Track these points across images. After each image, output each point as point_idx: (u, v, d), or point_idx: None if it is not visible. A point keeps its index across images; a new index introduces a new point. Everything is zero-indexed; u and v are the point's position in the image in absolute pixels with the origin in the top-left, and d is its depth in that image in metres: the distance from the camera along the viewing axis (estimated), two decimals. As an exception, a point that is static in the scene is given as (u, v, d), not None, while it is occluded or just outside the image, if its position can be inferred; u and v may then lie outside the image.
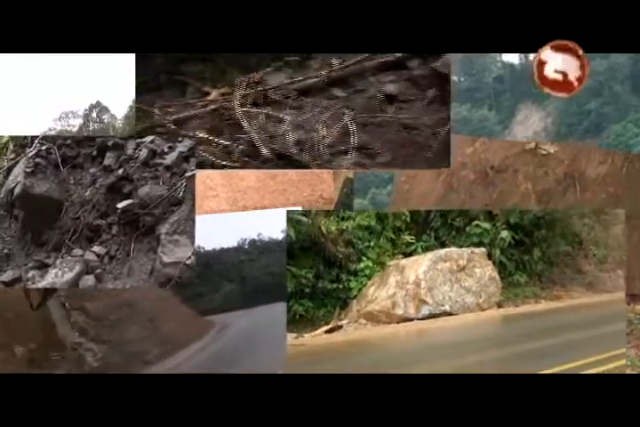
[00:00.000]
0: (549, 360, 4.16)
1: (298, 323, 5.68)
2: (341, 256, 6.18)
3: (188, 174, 4.28)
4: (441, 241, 6.92)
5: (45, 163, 4.65)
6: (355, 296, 6.22)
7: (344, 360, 4.71)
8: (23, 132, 19.84)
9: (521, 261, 7.13)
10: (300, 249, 5.88)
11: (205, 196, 4.27)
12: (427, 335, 5.64)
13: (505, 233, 6.86)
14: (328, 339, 5.55)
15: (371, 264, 6.33)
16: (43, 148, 4.66)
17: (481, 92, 43.46)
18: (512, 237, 6.92)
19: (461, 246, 6.65)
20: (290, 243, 5.16)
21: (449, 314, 6.00)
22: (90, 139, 4.80)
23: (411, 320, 5.87)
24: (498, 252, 6.80)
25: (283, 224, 4.41)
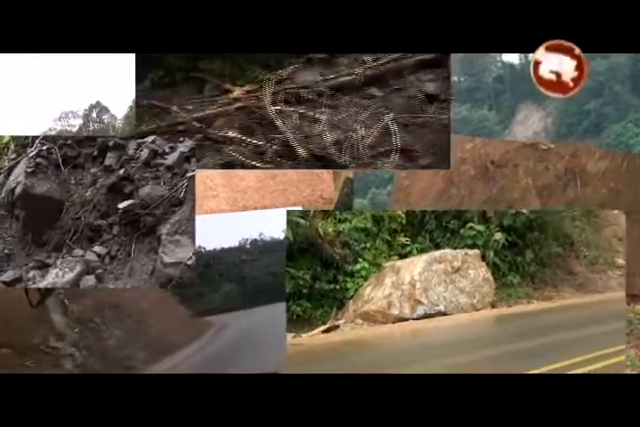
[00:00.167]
0: (541, 359, 4.20)
1: (296, 323, 5.71)
2: (338, 257, 6.22)
3: (189, 175, 4.24)
4: (436, 243, 7.01)
5: (46, 163, 4.61)
6: (351, 297, 6.28)
7: (341, 359, 4.74)
8: (23, 132, 19.45)
9: (514, 262, 7.23)
10: (298, 251, 5.92)
11: (205, 196, 4.24)
12: (422, 335, 5.68)
13: (498, 235, 6.96)
14: (325, 338, 5.60)
15: (367, 265, 6.38)
16: (44, 148, 4.63)
17: (481, 92, 42.87)
18: (505, 238, 7.02)
19: (456, 248, 6.73)
20: (288, 244, 5.19)
21: (443, 314, 6.07)
22: (91, 139, 4.76)
23: (406, 320, 5.93)
24: (491, 253, 6.90)
25: (283, 224, 4.40)
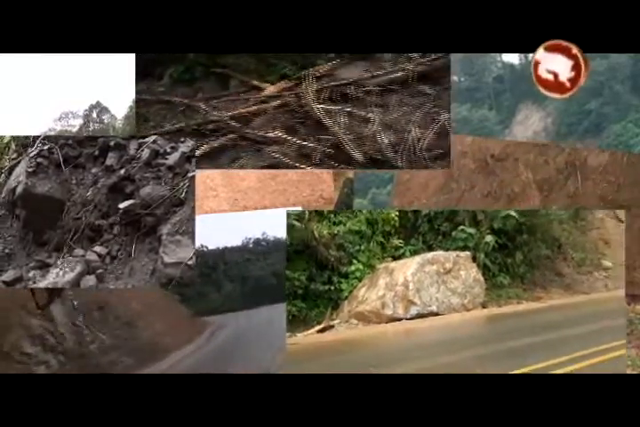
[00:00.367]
0: (530, 358, 4.24)
1: (291, 323, 5.75)
2: (333, 259, 6.30)
3: (191, 175, 4.25)
4: (428, 245, 7.12)
5: (47, 163, 4.63)
6: (346, 297, 6.35)
7: (335, 358, 4.78)
8: (23, 132, 18.88)
9: (504, 264, 7.35)
10: (294, 252, 5.97)
11: (206, 196, 4.21)
12: (414, 334, 5.76)
13: (489, 237, 7.09)
14: (320, 338, 5.65)
15: (361, 267, 6.47)
16: (45, 147, 4.65)
17: (481, 92, 41.99)
18: (496, 241, 7.16)
19: (448, 250, 6.84)
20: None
21: (436, 314, 6.16)
22: (92, 139, 4.79)
23: (399, 320, 6.01)
24: (482, 255, 7.03)
25: (283, 224, 4.40)
